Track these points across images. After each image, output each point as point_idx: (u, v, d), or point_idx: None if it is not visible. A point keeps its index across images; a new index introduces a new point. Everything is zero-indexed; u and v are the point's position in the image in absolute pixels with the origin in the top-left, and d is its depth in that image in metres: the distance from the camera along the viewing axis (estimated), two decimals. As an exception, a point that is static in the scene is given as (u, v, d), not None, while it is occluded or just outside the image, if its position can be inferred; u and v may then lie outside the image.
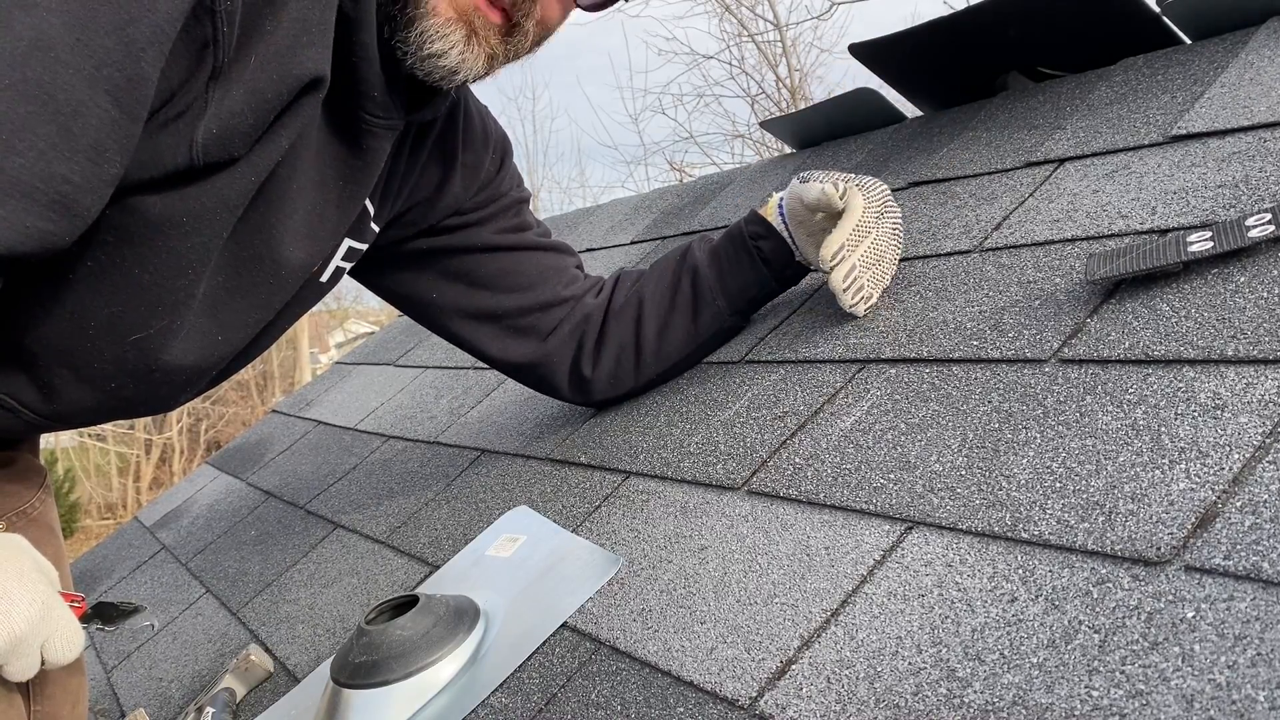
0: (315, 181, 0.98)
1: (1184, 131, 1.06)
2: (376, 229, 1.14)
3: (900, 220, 1.15)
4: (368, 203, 1.09)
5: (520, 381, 1.36)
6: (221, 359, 1.03)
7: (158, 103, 0.78)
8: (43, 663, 0.78)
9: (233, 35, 0.79)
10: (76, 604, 0.82)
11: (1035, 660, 0.62)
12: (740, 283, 1.23)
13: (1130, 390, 0.78)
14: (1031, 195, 1.15)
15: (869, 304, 1.12)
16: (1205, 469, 0.67)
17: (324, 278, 1.10)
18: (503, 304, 1.26)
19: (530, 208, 1.33)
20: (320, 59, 0.87)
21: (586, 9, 1.03)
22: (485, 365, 1.86)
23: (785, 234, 1.20)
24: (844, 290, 1.10)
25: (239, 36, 0.80)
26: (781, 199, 1.21)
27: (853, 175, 1.15)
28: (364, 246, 1.13)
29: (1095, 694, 0.57)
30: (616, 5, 1.06)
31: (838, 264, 1.09)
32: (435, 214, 1.21)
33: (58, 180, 0.73)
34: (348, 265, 1.13)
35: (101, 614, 0.94)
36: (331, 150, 0.99)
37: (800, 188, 1.16)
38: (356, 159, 1.01)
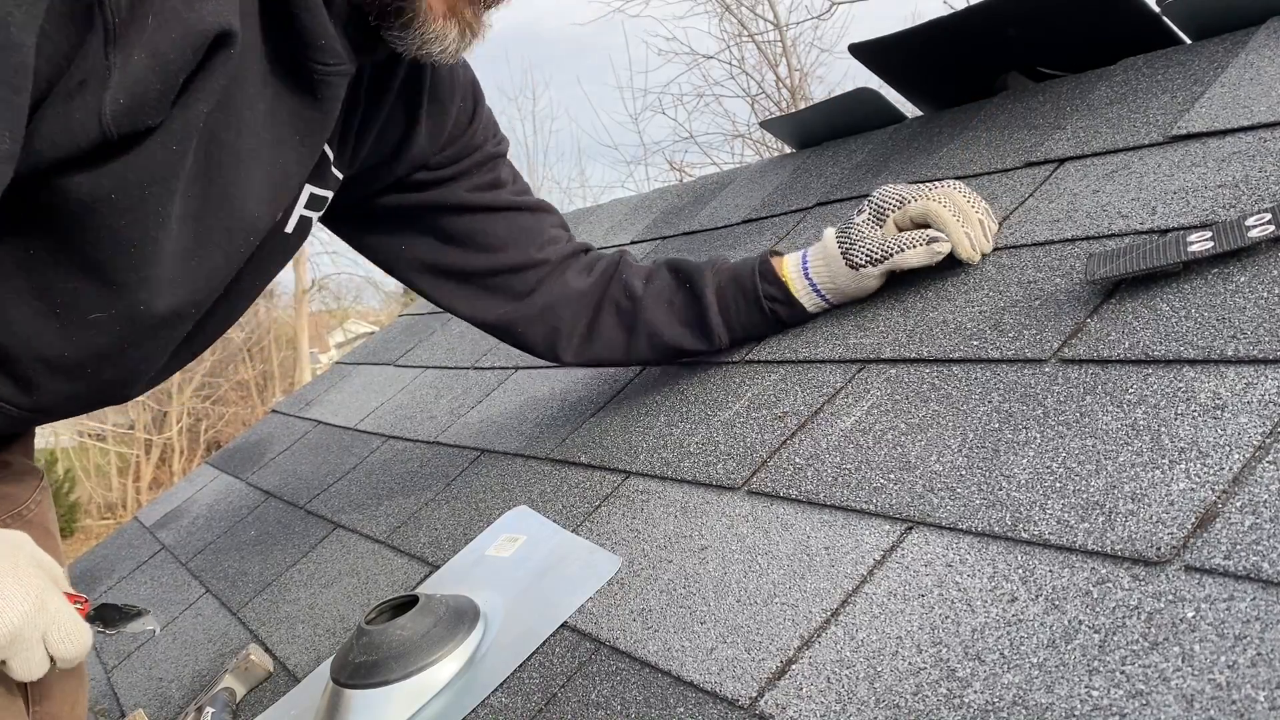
0: (270, 140, 0.95)
1: (1184, 131, 1.06)
2: (339, 174, 1.11)
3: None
4: (326, 148, 1.06)
5: (494, 336, 1.33)
6: (191, 319, 1.01)
7: (53, 73, 0.75)
8: (52, 661, 0.78)
9: None
10: (79, 605, 0.82)
11: (1035, 660, 0.62)
12: (754, 335, 1.23)
13: (1130, 390, 0.78)
14: (1031, 195, 1.15)
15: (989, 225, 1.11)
16: (1205, 469, 0.67)
17: (289, 228, 1.07)
18: (473, 263, 1.24)
19: (509, 159, 1.29)
20: (224, 10, 0.82)
21: None
22: (486, 365, 1.86)
23: (810, 292, 1.18)
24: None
25: None
26: (806, 264, 1.17)
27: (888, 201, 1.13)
28: (328, 194, 1.10)
29: (1095, 694, 0.57)
30: None
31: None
32: (402, 166, 1.18)
33: None
34: (314, 214, 1.10)
35: (103, 616, 0.93)
36: (285, 105, 0.95)
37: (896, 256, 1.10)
38: (312, 110, 0.98)
